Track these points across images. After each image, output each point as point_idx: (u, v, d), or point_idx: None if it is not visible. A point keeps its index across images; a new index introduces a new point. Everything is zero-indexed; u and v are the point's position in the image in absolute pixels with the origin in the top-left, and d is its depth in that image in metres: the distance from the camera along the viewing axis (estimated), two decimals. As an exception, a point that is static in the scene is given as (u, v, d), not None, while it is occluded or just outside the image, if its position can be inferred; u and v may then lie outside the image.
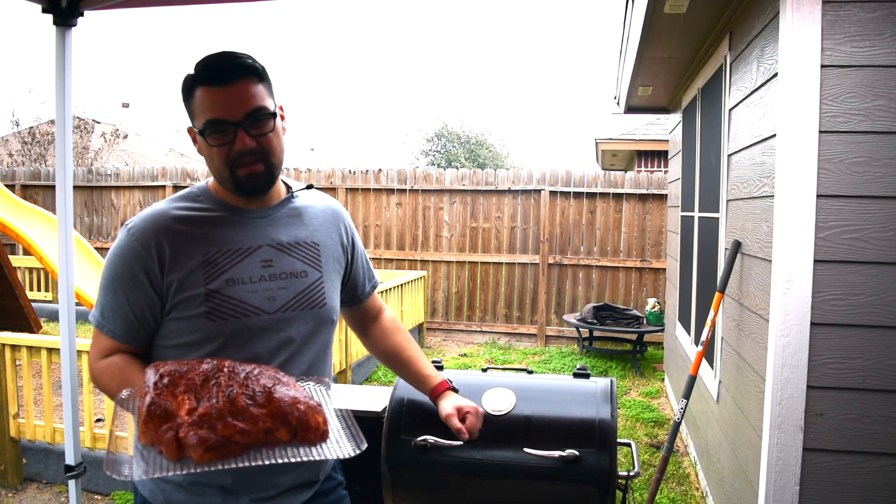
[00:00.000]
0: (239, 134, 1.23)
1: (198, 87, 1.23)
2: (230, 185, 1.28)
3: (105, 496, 3.47)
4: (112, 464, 1.06)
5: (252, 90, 1.24)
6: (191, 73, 1.25)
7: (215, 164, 1.26)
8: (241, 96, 1.22)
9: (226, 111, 1.21)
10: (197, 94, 1.23)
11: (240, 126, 1.22)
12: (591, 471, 1.56)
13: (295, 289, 1.33)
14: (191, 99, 1.25)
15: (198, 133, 1.26)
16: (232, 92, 1.22)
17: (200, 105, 1.23)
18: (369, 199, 7.98)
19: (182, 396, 1.09)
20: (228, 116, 1.22)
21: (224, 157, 1.24)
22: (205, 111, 1.22)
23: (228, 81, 1.22)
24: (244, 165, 1.24)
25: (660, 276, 7.10)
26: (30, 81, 41.19)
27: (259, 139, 1.25)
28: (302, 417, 1.11)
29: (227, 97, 1.22)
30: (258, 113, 1.24)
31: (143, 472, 1.04)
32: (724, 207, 3.14)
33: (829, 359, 2.04)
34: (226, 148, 1.23)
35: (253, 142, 1.24)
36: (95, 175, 8.88)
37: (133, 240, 1.26)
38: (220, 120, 1.22)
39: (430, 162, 24.36)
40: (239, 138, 1.23)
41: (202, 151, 1.28)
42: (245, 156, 1.24)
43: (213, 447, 1.03)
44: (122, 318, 1.27)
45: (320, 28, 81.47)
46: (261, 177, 1.27)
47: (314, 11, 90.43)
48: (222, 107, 1.22)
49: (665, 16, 3.18)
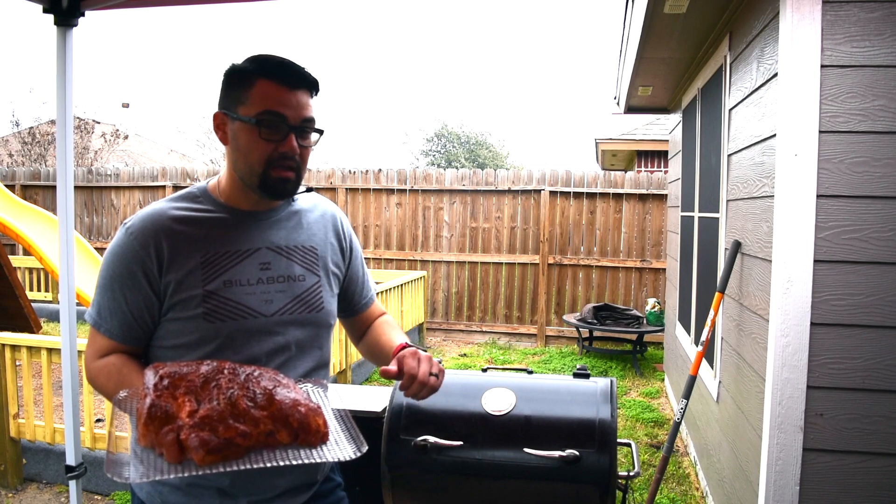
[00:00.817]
0: (290, 137, 1.24)
1: (261, 78, 1.23)
2: (257, 182, 1.26)
3: (105, 496, 3.47)
4: (112, 465, 1.06)
5: (310, 101, 1.27)
6: (249, 64, 1.25)
7: (251, 158, 1.25)
8: (302, 103, 1.25)
9: (289, 111, 1.23)
10: (258, 84, 1.23)
11: (294, 130, 1.24)
12: (591, 471, 1.57)
13: (292, 292, 1.33)
14: (247, 87, 1.23)
15: (245, 119, 1.23)
16: (297, 96, 1.24)
17: (262, 95, 1.22)
18: (369, 199, 7.98)
19: (182, 398, 1.08)
20: (289, 117, 1.23)
21: (266, 154, 1.24)
22: (267, 102, 1.22)
23: (297, 86, 1.25)
24: (280, 168, 1.25)
25: (660, 276, 7.10)
26: (30, 81, 41.24)
27: (302, 149, 1.27)
28: (303, 420, 1.10)
29: (293, 99, 1.24)
30: (311, 124, 1.28)
31: (142, 474, 1.04)
32: (724, 207, 3.14)
33: (829, 359, 2.04)
34: (273, 145, 1.24)
35: (298, 149, 1.26)
36: (95, 175, 8.88)
37: (132, 239, 1.25)
38: (281, 115, 1.23)
39: (430, 162, 24.36)
40: (289, 140, 1.24)
41: (236, 139, 1.26)
42: (287, 159, 1.25)
43: (215, 449, 1.03)
44: (120, 317, 1.26)
45: (320, 28, 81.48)
46: (291, 183, 1.28)
47: (314, 12, 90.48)
48: (287, 105, 1.23)
49: (665, 16, 3.18)
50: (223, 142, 1.29)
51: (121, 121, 17.95)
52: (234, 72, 1.26)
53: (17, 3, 2.09)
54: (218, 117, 1.28)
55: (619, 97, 5.62)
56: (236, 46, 39.05)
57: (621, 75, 5.11)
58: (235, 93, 1.25)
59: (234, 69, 1.26)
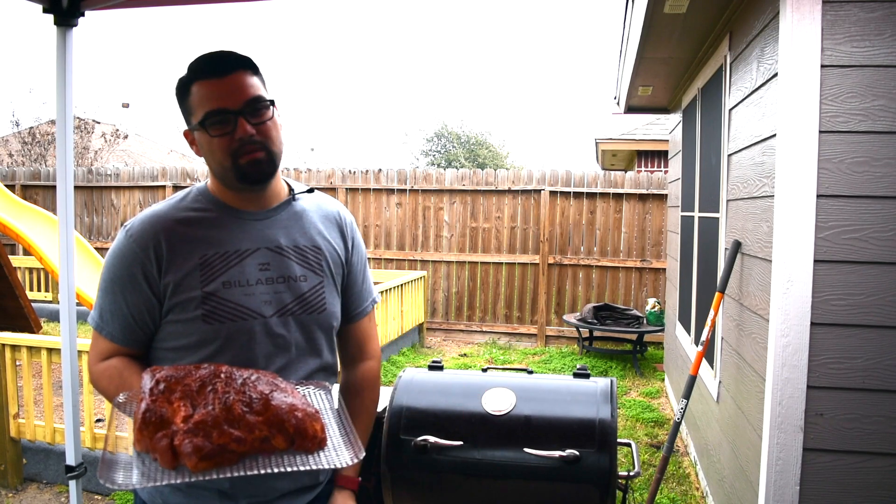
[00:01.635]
0: (239, 122, 1.23)
1: (194, 82, 1.24)
2: (232, 175, 1.26)
3: (105, 496, 3.47)
4: (105, 471, 1.05)
5: (248, 80, 1.25)
6: (185, 74, 1.26)
7: (216, 156, 1.25)
8: (238, 86, 1.23)
9: (225, 101, 1.22)
10: (194, 90, 1.24)
11: (240, 114, 1.23)
12: (591, 471, 1.56)
13: (292, 293, 1.31)
14: (187, 97, 1.25)
15: (196, 127, 1.25)
16: (229, 82, 1.23)
17: (199, 99, 1.23)
18: (369, 199, 7.98)
19: (178, 403, 1.07)
20: (229, 105, 1.22)
21: (226, 147, 1.24)
22: (203, 104, 1.23)
23: (225, 73, 1.23)
24: (246, 154, 1.24)
25: (660, 276, 7.10)
26: (30, 81, 41.24)
27: (258, 127, 1.25)
28: (299, 425, 1.09)
29: (225, 87, 1.23)
30: (257, 102, 1.25)
31: (137, 481, 1.03)
32: (724, 207, 3.14)
33: (829, 359, 2.04)
34: (227, 138, 1.23)
35: (253, 129, 1.24)
36: (95, 175, 8.88)
37: (131, 241, 1.26)
38: (220, 110, 1.22)
39: (430, 162, 24.36)
40: (240, 126, 1.23)
41: (202, 147, 1.28)
42: (246, 144, 1.24)
43: (208, 456, 1.02)
44: (121, 320, 1.26)
45: (320, 28, 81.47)
46: (263, 164, 1.27)
47: (314, 12, 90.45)
48: (221, 97, 1.22)
49: (665, 16, 3.18)
50: (198, 154, 1.31)
51: (121, 121, 17.94)
52: (176, 87, 1.27)
53: (17, 3, 2.09)
54: (187, 135, 1.31)
55: (619, 97, 5.62)
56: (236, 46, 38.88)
57: (621, 75, 5.11)
58: (184, 107, 1.27)
59: (176, 85, 1.27)
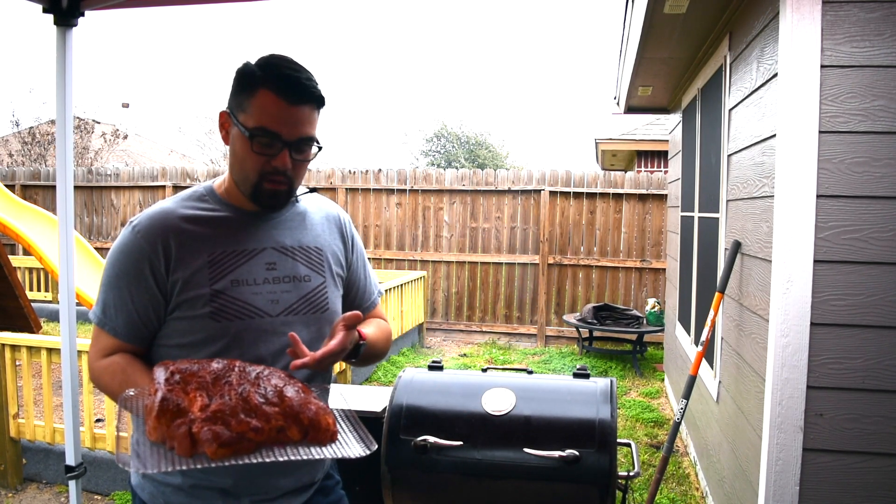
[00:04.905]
0: (283, 153, 1.23)
1: (264, 89, 1.21)
2: (250, 192, 1.28)
3: (105, 496, 3.47)
4: (124, 456, 1.07)
5: (311, 117, 1.25)
6: (256, 67, 1.23)
7: (246, 167, 1.25)
8: (301, 120, 1.23)
9: (284, 128, 1.22)
10: (260, 95, 1.21)
11: (288, 146, 1.23)
12: (590, 471, 1.57)
13: (298, 293, 1.33)
14: (250, 95, 1.22)
15: (243, 131, 1.23)
16: (296, 112, 1.22)
17: (261, 108, 1.21)
18: (369, 199, 7.98)
19: (194, 393, 1.09)
20: (284, 134, 1.22)
21: (259, 167, 1.24)
22: (263, 117, 1.21)
23: (297, 102, 1.22)
24: (272, 182, 1.25)
25: (660, 276, 7.10)
26: (30, 81, 41.17)
27: (296, 164, 1.26)
28: (314, 417, 1.11)
29: (290, 115, 1.22)
30: (308, 141, 1.26)
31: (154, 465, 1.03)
32: (724, 207, 3.14)
33: (829, 359, 2.04)
34: (265, 159, 1.24)
35: (290, 164, 1.25)
36: (95, 175, 8.88)
37: (139, 237, 1.25)
38: (275, 134, 1.22)
39: (429, 162, 24.35)
40: (282, 156, 1.23)
41: (234, 146, 1.26)
42: (279, 174, 1.25)
43: (227, 443, 1.03)
44: (125, 316, 1.26)
45: (320, 28, 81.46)
46: (282, 196, 1.29)
47: (314, 12, 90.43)
48: (282, 123, 1.22)
49: (665, 16, 3.18)
50: (224, 141, 1.29)
51: (121, 121, 17.95)
52: (242, 73, 1.24)
53: (17, 3, 2.09)
54: (223, 116, 1.29)
55: (619, 97, 5.62)
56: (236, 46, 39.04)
57: (621, 75, 5.11)
58: (239, 97, 1.25)
59: (243, 70, 1.25)
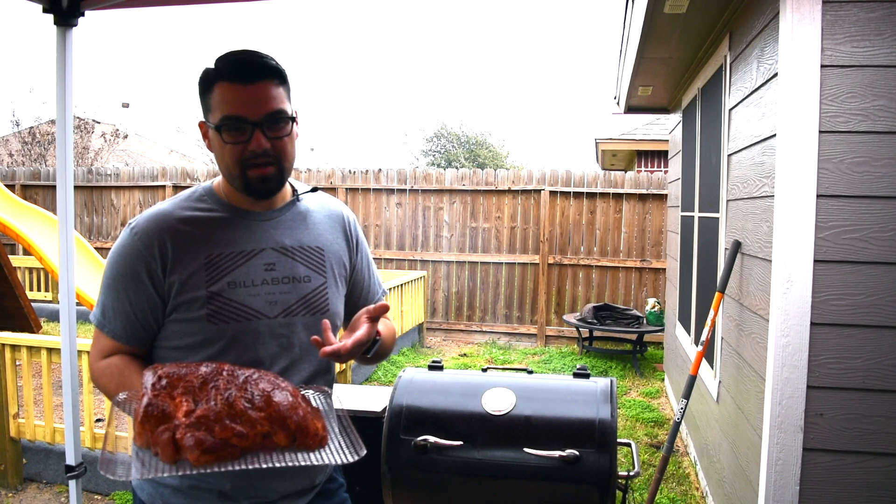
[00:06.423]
0: (255, 134, 1.21)
1: (218, 82, 1.21)
2: (239, 184, 1.26)
3: (105, 496, 3.47)
4: (107, 463, 1.05)
5: (273, 92, 1.23)
6: (211, 68, 1.23)
7: (226, 161, 1.24)
8: (262, 96, 1.21)
9: (246, 109, 1.20)
10: (216, 89, 1.21)
11: (258, 126, 1.21)
12: (591, 471, 1.57)
13: (297, 293, 1.32)
14: (209, 93, 1.23)
15: (212, 128, 1.24)
16: (253, 91, 1.20)
17: (219, 100, 1.21)
18: (369, 199, 7.98)
19: (180, 398, 1.08)
20: (248, 115, 1.20)
21: (237, 156, 1.23)
22: (223, 107, 1.21)
23: (251, 80, 1.20)
24: (256, 167, 1.23)
25: (660, 276, 7.10)
26: (30, 81, 41.16)
27: (274, 142, 1.23)
28: (301, 422, 1.09)
29: (248, 96, 1.20)
30: (277, 115, 1.23)
31: (139, 473, 1.03)
32: (724, 207, 3.14)
33: (829, 359, 2.04)
34: (240, 147, 1.22)
35: (268, 143, 1.22)
36: (95, 175, 8.88)
37: (136, 239, 1.25)
38: (238, 117, 1.20)
39: (429, 162, 24.35)
40: (255, 138, 1.21)
41: (213, 147, 1.27)
42: (259, 157, 1.22)
43: (210, 449, 1.02)
44: (123, 318, 1.26)
45: (320, 28, 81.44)
46: (271, 180, 1.26)
47: (314, 11, 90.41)
48: (242, 105, 1.20)
49: (665, 16, 3.18)
50: (209, 149, 1.29)
51: (121, 121, 17.94)
52: (201, 78, 1.25)
53: (17, 3, 2.09)
54: (201, 126, 1.29)
55: (619, 97, 5.62)
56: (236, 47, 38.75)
57: (621, 75, 5.11)
58: (204, 101, 1.25)
59: (201, 76, 1.25)
